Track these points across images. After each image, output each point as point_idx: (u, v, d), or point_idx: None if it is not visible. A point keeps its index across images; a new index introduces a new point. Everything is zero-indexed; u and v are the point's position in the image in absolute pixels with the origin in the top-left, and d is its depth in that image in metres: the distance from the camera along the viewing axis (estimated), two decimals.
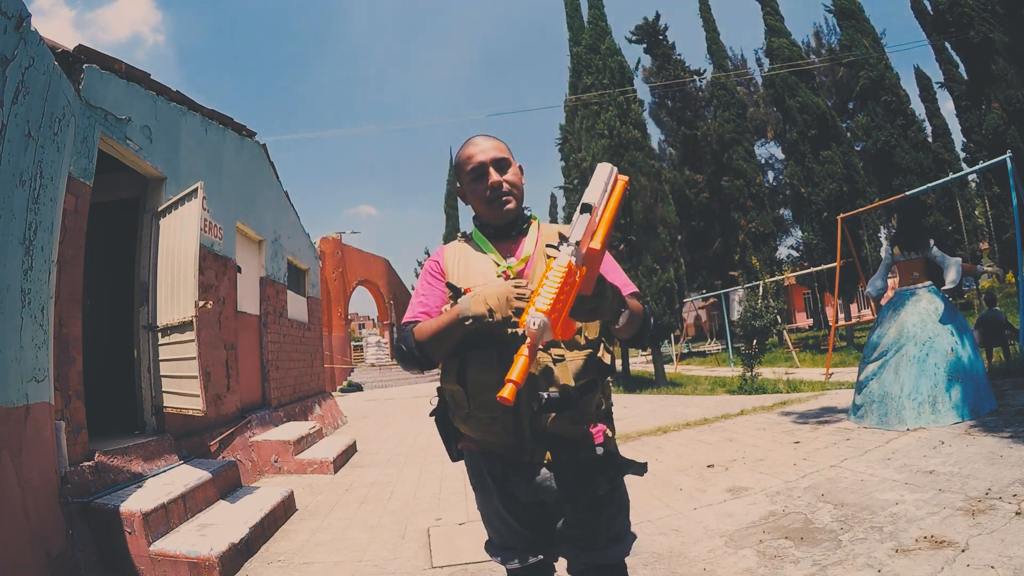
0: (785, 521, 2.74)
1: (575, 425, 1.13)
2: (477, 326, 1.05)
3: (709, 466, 4.02)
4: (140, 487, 3.07)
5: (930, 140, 18.56)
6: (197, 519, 3.12)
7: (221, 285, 5.11)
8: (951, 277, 4.60)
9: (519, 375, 0.81)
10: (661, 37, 21.88)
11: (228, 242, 5.35)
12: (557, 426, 1.11)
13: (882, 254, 7.91)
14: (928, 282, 4.77)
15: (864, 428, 4.51)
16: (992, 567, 1.93)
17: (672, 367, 16.29)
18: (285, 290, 7.46)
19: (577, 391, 1.10)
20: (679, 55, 22.74)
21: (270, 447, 5.10)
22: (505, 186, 1.23)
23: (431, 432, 6.64)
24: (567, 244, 0.86)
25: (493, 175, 1.22)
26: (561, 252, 0.86)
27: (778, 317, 11.24)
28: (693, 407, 7.34)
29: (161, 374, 3.90)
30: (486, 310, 1.03)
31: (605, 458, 1.16)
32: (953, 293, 4.68)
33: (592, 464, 1.14)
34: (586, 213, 0.89)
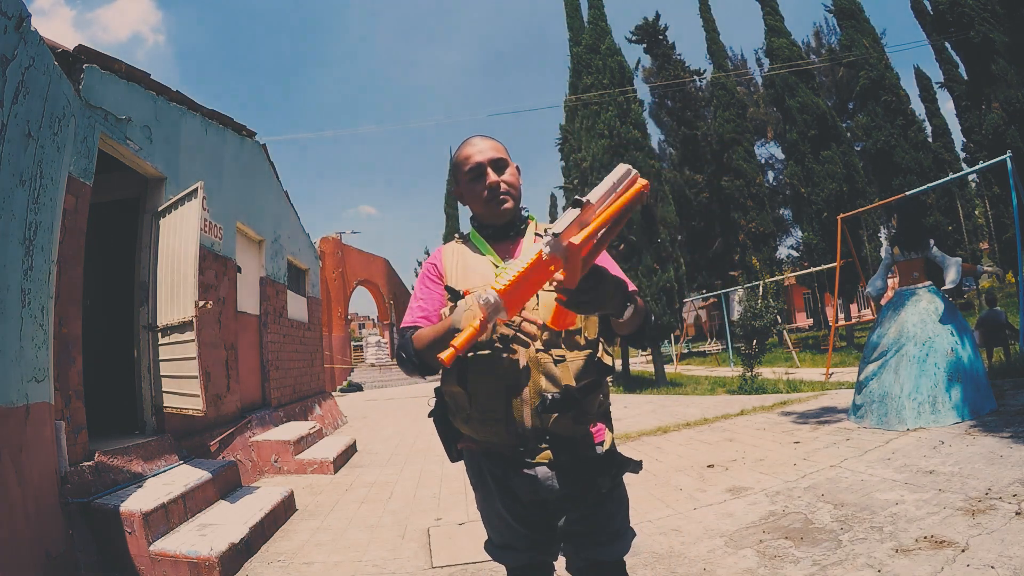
0: (785, 521, 2.74)
1: (577, 424, 1.13)
2: None
3: (709, 466, 4.02)
4: (140, 487, 3.07)
5: (930, 140, 18.56)
6: (197, 519, 3.12)
7: (221, 285, 5.12)
8: (951, 277, 4.60)
9: (461, 343, 0.85)
10: (661, 37, 21.92)
11: (228, 242, 5.35)
12: (559, 426, 1.11)
13: (882, 254, 7.90)
14: (928, 282, 4.77)
15: (864, 428, 4.51)
16: (992, 567, 1.93)
17: (672, 367, 16.28)
18: (285, 290, 7.46)
19: (580, 391, 1.10)
20: (679, 55, 22.80)
21: (270, 447, 5.10)
22: (503, 186, 1.23)
23: (431, 432, 6.63)
24: (547, 234, 0.87)
25: (491, 175, 1.22)
26: (540, 240, 0.89)
27: (778, 317, 11.23)
28: (693, 407, 7.34)
29: (161, 374, 3.90)
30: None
31: (607, 456, 1.17)
32: (953, 293, 4.68)
33: (593, 462, 1.15)
34: (576, 208, 0.89)
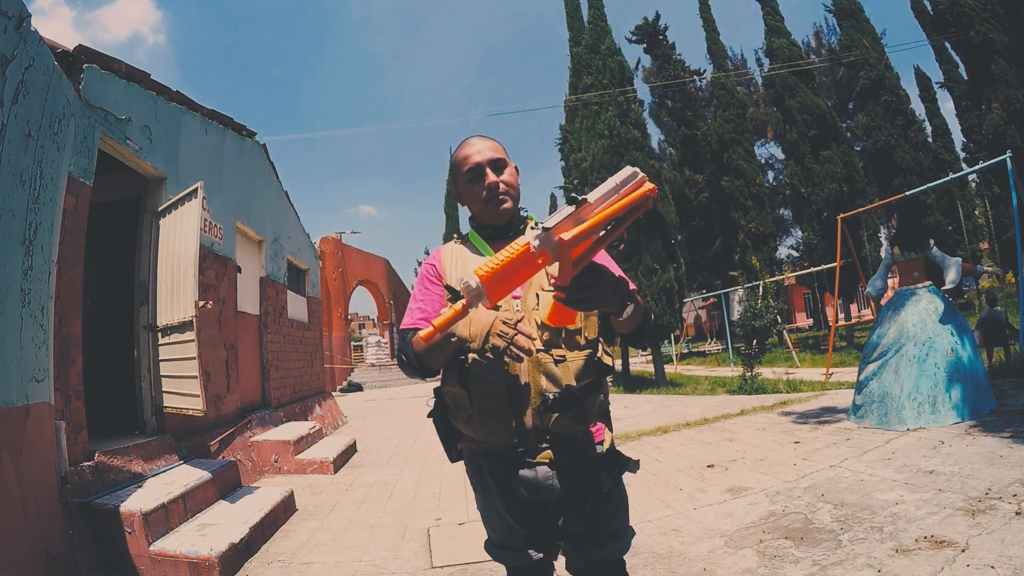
0: (785, 521, 2.74)
1: (578, 424, 1.13)
2: (462, 344, 1.07)
3: (709, 466, 4.02)
4: (140, 487, 3.07)
5: (930, 140, 18.56)
6: (197, 519, 3.12)
7: (221, 285, 5.12)
8: (951, 277, 4.60)
9: (440, 323, 0.87)
10: (661, 37, 21.93)
11: (228, 242, 5.35)
12: (560, 425, 1.11)
13: (882, 254, 7.89)
14: (928, 282, 4.77)
15: (864, 428, 4.51)
16: (992, 567, 1.93)
17: (672, 367, 16.27)
18: (285, 290, 7.46)
19: (580, 391, 1.11)
20: (679, 55, 22.81)
21: (270, 447, 5.10)
22: (502, 186, 1.23)
23: (431, 432, 6.63)
24: (539, 227, 0.87)
25: (490, 175, 1.22)
26: (530, 232, 0.90)
27: (778, 317, 11.24)
28: (693, 407, 7.34)
29: (161, 374, 3.90)
30: (468, 334, 1.04)
31: (607, 455, 1.17)
32: (953, 293, 4.68)
33: (594, 462, 1.15)
34: (572, 205, 0.89)
